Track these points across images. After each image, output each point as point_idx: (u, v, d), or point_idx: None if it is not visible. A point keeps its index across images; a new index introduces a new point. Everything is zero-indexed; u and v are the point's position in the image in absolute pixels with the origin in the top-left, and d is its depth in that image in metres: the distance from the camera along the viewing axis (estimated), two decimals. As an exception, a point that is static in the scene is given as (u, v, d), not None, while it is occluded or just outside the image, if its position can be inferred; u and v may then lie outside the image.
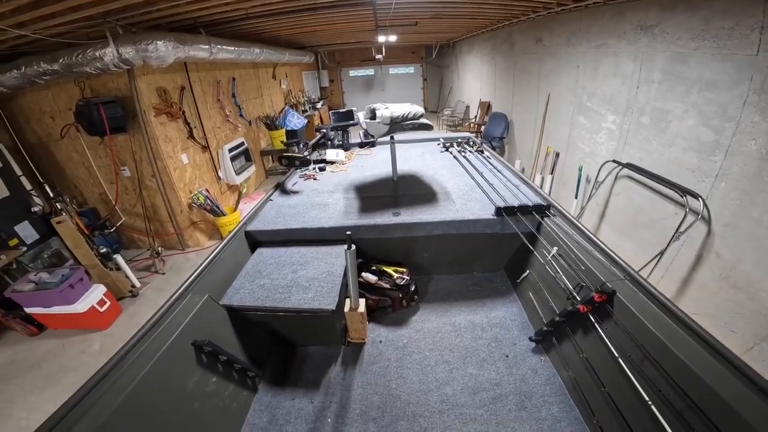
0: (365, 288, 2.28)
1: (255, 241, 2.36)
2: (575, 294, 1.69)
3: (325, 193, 2.78)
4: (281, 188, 2.93)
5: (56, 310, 3.20)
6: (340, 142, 3.90)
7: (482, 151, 3.48)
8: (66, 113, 3.90)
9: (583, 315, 1.59)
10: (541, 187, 2.87)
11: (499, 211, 2.20)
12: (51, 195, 3.73)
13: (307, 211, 2.49)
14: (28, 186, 3.91)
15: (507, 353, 1.95)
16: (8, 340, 3.42)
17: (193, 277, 1.81)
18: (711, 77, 2.40)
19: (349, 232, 1.75)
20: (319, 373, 1.96)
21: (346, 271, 1.91)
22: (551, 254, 1.95)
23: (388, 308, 2.32)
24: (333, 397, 1.81)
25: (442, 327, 2.18)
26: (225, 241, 2.16)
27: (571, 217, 2.12)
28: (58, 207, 3.54)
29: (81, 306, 3.21)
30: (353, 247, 1.76)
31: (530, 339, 1.99)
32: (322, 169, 3.36)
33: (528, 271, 2.24)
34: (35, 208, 3.69)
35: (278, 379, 1.94)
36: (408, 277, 2.30)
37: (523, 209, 2.21)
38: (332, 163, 3.51)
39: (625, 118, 3.29)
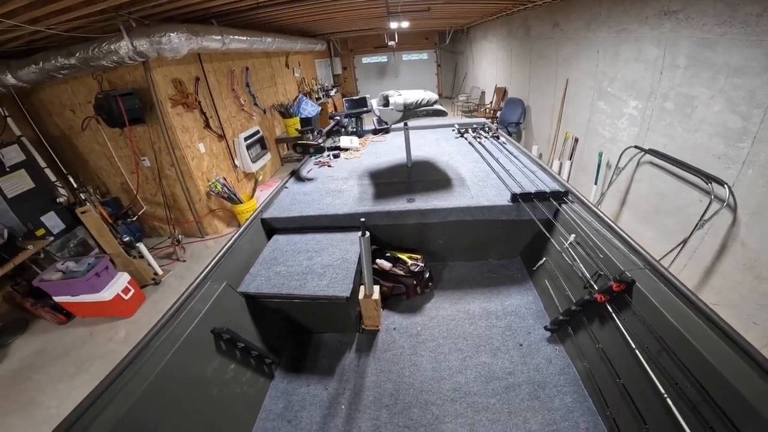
0: (379, 275, 2.28)
1: (271, 228, 2.38)
2: (593, 283, 1.66)
3: (340, 180, 2.78)
4: (296, 175, 2.94)
5: (83, 298, 3.32)
6: (354, 129, 3.89)
7: (498, 137, 3.41)
8: (86, 106, 3.99)
9: (600, 304, 1.56)
10: (559, 173, 2.81)
11: (515, 197, 2.15)
12: (75, 186, 3.85)
13: (321, 198, 2.49)
14: (52, 177, 4.04)
15: (521, 342, 1.93)
16: (38, 329, 3.54)
17: (211, 264, 1.84)
18: (739, 63, 2.31)
19: (363, 219, 1.73)
20: (333, 360, 1.98)
21: (361, 257, 1.90)
22: (569, 242, 1.90)
23: (402, 295, 2.32)
24: (347, 383, 1.84)
25: (456, 314, 2.17)
26: (242, 228, 2.19)
27: (589, 203, 2.07)
28: (83, 197, 3.67)
29: (107, 294, 3.32)
30: (367, 233, 1.74)
31: (545, 328, 1.97)
32: (336, 156, 3.35)
33: (544, 259, 2.20)
34: (60, 199, 3.82)
35: (294, 366, 1.97)
36: (422, 264, 2.29)
37: (540, 195, 2.15)
38: (346, 149, 3.50)
39: (648, 103, 3.18)
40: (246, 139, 5.43)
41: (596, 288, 1.61)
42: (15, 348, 3.35)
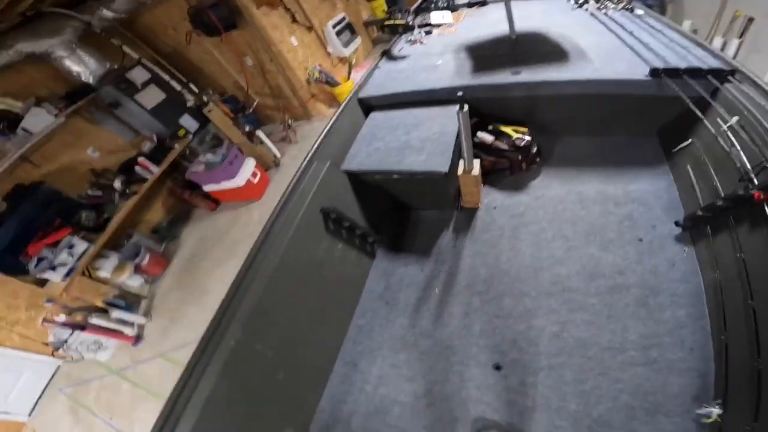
0: (480, 148, 2.12)
1: (368, 106, 2.36)
2: (753, 176, 1.27)
3: (434, 56, 2.53)
4: (388, 55, 2.80)
5: (224, 185, 3.93)
6: (446, 4, 3.40)
7: (632, 9, 2.58)
8: (183, 23, 4.23)
9: (756, 204, 1.21)
10: (722, 51, 2.04)
11: (655, 71, 1.67)
12: (197, 91, 4.32)
13: (416, 74, 2.34)
14: (177, 87, 4.54)
15: (641, 237, 1.66)
16: (197, 217, 4.38)
17: (316, 145, 1.91)
18: None
19: (461, 93, 1.55)
20: (431, 238, 2.01)
21: (460, 131, 1.76)
22: (729, 123, 1.45)
23: (505, 171, 2.17)
24: (442, 265, 1.86)
25: (566, 196, 1.95)
26: (340, 109, 2.19)
27: (765, 85, 1.49)
28: (205, 99, 4.13)
29: (240, 179, 3.88)
30: (466, 107, 1.58)
31: (676, 224, 1.64)
32: (428, 33, 3.06)
33: (690, 140, 1.75)
34: (189, 103, 4.34)
35: (393, 245, 2.06)
36: (529, 138, 2.04)
37: (694, 71, 1.63)
38: (438, 25, 3.13)
39: None
40: (334, 26, 5.35)
41: (756, 183, 1.24)
42: (184, 238, 4.20)
